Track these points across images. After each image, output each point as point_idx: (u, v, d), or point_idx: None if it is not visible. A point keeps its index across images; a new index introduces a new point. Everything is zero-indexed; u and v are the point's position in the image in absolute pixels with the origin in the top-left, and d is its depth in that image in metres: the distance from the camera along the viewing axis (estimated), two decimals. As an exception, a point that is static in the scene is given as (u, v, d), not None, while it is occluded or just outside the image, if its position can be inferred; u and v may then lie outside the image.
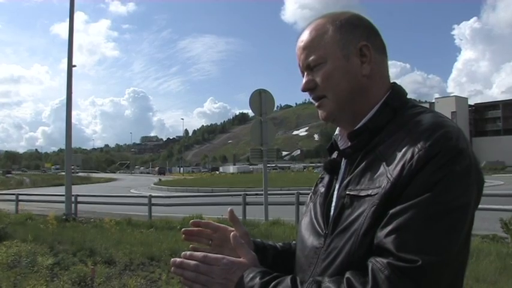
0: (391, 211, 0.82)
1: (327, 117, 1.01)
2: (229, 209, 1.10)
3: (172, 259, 0.99)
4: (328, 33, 0.98)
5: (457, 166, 0.82)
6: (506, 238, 7.35)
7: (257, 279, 0.89)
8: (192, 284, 0.95)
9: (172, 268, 0.99)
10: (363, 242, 0.85)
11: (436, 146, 0.83)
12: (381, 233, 0.82)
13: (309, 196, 1.15)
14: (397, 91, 0.99)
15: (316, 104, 1.02)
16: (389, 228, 0.81)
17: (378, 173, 0.88)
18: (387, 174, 0.85)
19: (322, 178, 1.12)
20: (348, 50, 0.97)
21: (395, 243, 0.79)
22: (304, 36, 1.02)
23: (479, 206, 0.89)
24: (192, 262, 0.95)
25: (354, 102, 0.98)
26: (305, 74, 1.02)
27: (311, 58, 0.99)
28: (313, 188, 1.15)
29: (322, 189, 1.07)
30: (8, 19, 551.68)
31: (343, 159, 1.03)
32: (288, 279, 0.88)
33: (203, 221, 1.16)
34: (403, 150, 0.85)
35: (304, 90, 1.02)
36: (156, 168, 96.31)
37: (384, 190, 0.84)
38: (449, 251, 0.79)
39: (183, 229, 1.15)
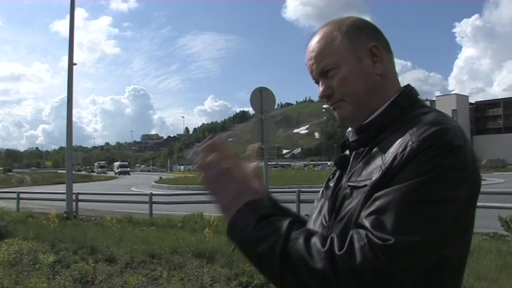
0: (375, 194, 0.85)
1: (345, 119, 1.04)
2: (257, 145, 1.03)
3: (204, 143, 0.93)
4: (337, 39, 1.01)
5: (448, 161, 0.82)
6: (506, 236, 7.36)
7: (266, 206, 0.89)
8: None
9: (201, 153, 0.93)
10: None
11: (430, 139, 0.84)
12: (362, 213, 0.85)
13: (321, 191, 1.16)
14: (408, 91, 1.02)
15: (332, 106, 1.04)
16: (370, 209, 0.83)
17: (376, 165, 0.91)
18: (381, 164, 0.88)
19: (334, 174, 1.14)
20: (359, 53, 1.00)
21: (372, 222, 0.81)
22: (313, 46, 1.04)
23: (480, 203, 0.90)
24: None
25: (371, 101, 1.00)
26: (320, 82, 1.04)
27: (323, 64, 1.01)
28: (324, 183, 1.16)
29: (331, 184, 1.09)
30: (6, 16, 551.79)
31: (352, 154, 1.05)
32: (287, 221, 0.87)
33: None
34: (399, 142, 0.88)
35: (322, 97, 1.04)
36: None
37: (375, 178, 0.87)
38: (424, 237, 0.79)
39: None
